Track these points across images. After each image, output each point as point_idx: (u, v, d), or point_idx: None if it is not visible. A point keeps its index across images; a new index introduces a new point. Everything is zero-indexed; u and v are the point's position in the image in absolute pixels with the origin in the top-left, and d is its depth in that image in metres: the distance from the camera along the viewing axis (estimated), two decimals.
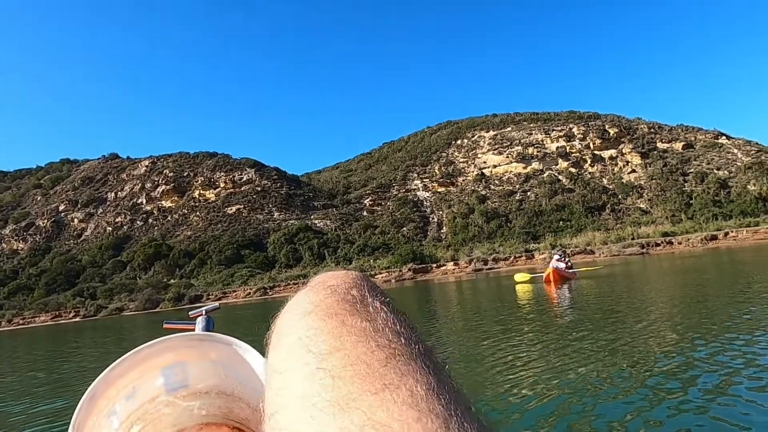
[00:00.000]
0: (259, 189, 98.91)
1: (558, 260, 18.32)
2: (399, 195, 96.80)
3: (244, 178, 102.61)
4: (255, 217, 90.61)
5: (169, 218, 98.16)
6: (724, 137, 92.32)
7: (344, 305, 0.42)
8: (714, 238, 45.81)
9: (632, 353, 5.45)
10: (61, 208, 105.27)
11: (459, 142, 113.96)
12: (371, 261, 59.49)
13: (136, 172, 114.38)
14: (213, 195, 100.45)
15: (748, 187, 72.27)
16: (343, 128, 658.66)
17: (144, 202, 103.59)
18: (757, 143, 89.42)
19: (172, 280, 64.76)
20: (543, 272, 19.00)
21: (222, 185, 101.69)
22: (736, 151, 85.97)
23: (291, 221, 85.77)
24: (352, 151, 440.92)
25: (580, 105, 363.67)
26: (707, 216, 63.81)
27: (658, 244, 46.36)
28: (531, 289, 16.39)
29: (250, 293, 52.14)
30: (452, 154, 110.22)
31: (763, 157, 79.64)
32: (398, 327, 0.40)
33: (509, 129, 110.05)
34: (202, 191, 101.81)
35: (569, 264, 19.12)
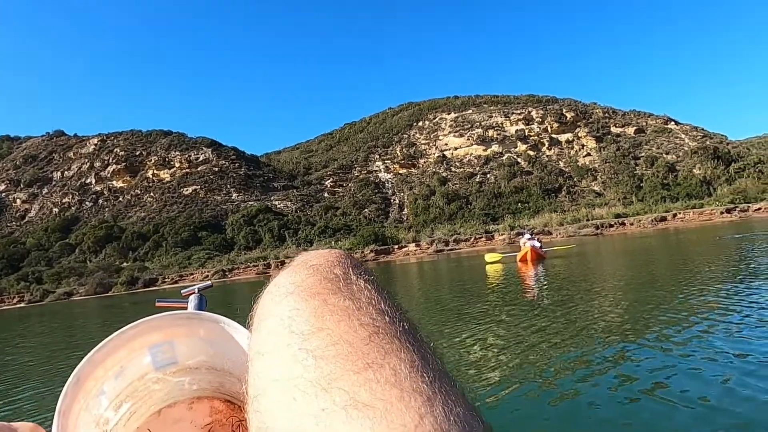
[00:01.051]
0: (216, 169, 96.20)
1: (529, 239, 18.26)
2: (360, 176, 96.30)
3: (201, 158, 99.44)
4: (212, 198, 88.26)
5: (120, 199, 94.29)
6: (673, 123, 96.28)
7: (326, 284, 0.42)
8: (663, 219, 48.00)
9: (611, 328, 5.47)
10: (2, 188, 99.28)
11: (420, 123, 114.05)
12: (333, 243, 59.04)
13: (84, 151, 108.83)
14: (168, 175, 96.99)
15: (694, 170, 75.86)
16: (304, 108, 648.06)
17: (93, 182, 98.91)
18: (702, 129, 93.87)
19: (124, 263, 62.40)
20: (514, 253, 18.95)
21: (177, 165, 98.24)
22: (683, 136, 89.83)
23: (250, 202, 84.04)
24: (313, 131, 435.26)
25: (539, 89, 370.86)
26: (656, 198, 66.73)
27: (611, 225, 48.14)
28: (502, 268, 16.27)
29: (208, 276, 50.85)
30: (414, 135, 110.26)
31: (707, 143, 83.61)
32: (382, 305, 0.40)
33: (470, 111, 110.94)
34: (156, 171, 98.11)
35: (540, 244, 19.05)
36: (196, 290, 1.13)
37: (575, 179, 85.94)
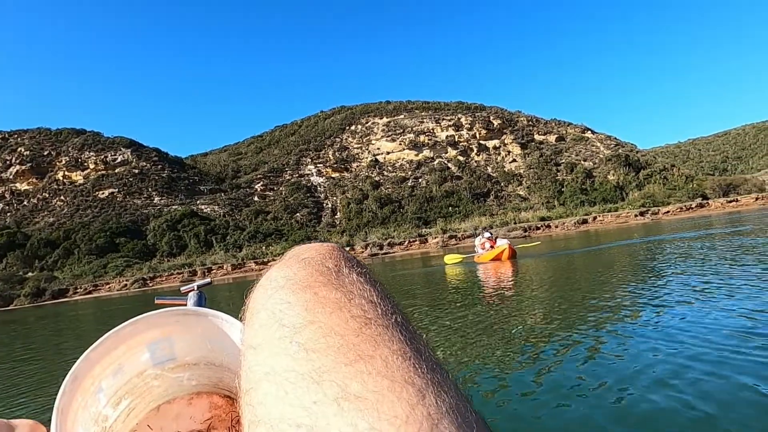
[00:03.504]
0: (136, 171, 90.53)
1: (489, 238, 17.32)
2: (292, 180, 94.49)
3: (119, 159, 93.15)
4: (132, 202, 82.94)
5: (25, 203, 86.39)
6: (589, 132, 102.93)
7: (318, 277, 0.42)
8: (585, 222, 51.12)
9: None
10: None
11: (353, 127, 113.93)
12: (263, 248, 57.19)
13: None
14: (81, 177, 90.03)
15: (609, 177, 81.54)
16: (232, 109, 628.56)
17: None
18: (615, 138, 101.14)
19: (30, 273, 56.81)
20: (471, 254, 18.00)
21: (92, 166, 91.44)
22: (599, 144, 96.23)
23: (174, 206, 79.86)
24: (242, 133, 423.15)
25: (468, 96, 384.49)
26: (576, 202, 70.92)
27: (538, 228, 50.28)
28: (466, 270, 15.15)
29: (126, 285, 47.36)
30: (346, 139, 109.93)
31: (620, 151, 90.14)
32: (374, 297, 0.40)
33: (402, 116, 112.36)
34: (67, 173, 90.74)
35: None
36: (196, 287, 1.11)
37: (502, 184, 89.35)
